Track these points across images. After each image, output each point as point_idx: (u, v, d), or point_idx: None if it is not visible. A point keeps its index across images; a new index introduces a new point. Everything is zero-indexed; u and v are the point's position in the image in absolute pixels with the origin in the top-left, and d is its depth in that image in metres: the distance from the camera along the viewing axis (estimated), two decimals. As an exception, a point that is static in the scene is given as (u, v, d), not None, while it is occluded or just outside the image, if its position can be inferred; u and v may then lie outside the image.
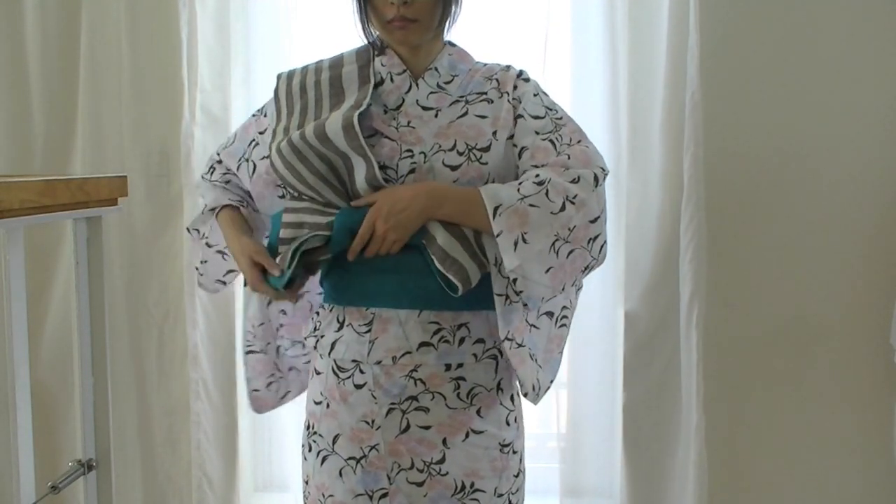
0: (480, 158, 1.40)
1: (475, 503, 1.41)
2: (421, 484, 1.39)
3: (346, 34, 1.57)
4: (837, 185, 2.11)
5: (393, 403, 1.38)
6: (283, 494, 2.37)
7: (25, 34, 2.28)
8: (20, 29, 2.28)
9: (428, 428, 1.39)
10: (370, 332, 1.40)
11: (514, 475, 1.46)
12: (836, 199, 2.12)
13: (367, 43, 1.49)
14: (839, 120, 2.10)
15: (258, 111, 1.57)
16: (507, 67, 1.51)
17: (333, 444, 1.42)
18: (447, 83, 1.46)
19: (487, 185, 1.37)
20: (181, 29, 2.16)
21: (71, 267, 1.66)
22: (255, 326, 1.55)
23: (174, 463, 2.32)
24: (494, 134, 1.42)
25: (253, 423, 2.36)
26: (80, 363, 1.64)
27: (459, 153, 1.40)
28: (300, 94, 1.47)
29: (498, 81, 1.48)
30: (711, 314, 2.08)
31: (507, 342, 1.36)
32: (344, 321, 1.43)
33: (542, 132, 1.42)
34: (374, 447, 1.39)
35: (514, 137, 1.44)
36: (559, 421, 2.26)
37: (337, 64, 1.49)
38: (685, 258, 2.05)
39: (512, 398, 1.47)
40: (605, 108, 2.16)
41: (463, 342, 1.40)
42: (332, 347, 1.44)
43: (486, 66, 1.51)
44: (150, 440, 2.32)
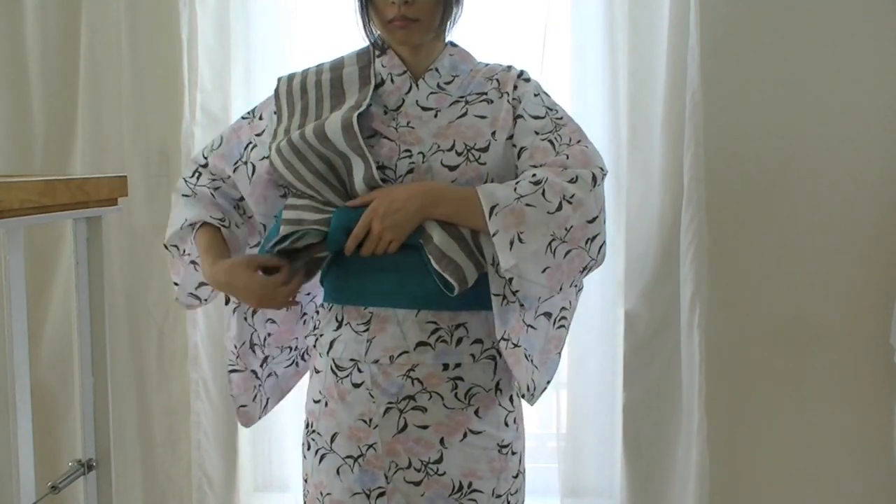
0: (479, 159, 1.40)
1: (473, 503, 1.41)
2: (418, 483, 1.39)
3: (346, 35, 1.57)
4: (837, 185, 2.11)
5: (390, 403, 1.38)
6: (283, 494, 2.37)
7: (25, 34, 2.29)
8: (20, 29, 2.29)
9: (425, 428, 1.39)
10: (368, 331, 1.40)
11: (512, 476, 1.45)
12: (836, 199, 2.11)
13: (368, 44, 1.49)
14: (839, 120, 2.10)
15: (249, 114, 1.55)
16: (507, 68, 1.51)
17: (331, 442, 1.42)
18: (448, 84, 1.46)
19: (484, 184, 1.37)
20: (181, 29, 2.16)
21: (71, 267, 1.66)
22: (236, 346, 1.53)
23: (174, 463, 2.32)
24: (493, 134, 1.42)
25: (253, 422, 2.36)
26: (80, 363, 1.65)
27: (458, 153, 1.40)
28: (300, 94, 1.47)
29: (498, 82, 1.48)
30: (712, 314, 2.08)
31: (503, 342, 1.36)
32: (342, 320, 1.43)
33: (541, 132, 1.42)
34: (371, 446, 1.39)
35: (513, 137, 1.44)
36: (559, 421, 2.26)
37: (338, 66, 1.49)
38: (686, 258, 2.05)
39: (511, 399, 1.46)
40: (605, 108, 2.15)
41: (461, 342, 1.40)
42: (330, 346, 1.44)
43: (487, 66, 1.51)
44: (150, 440, 2.33)
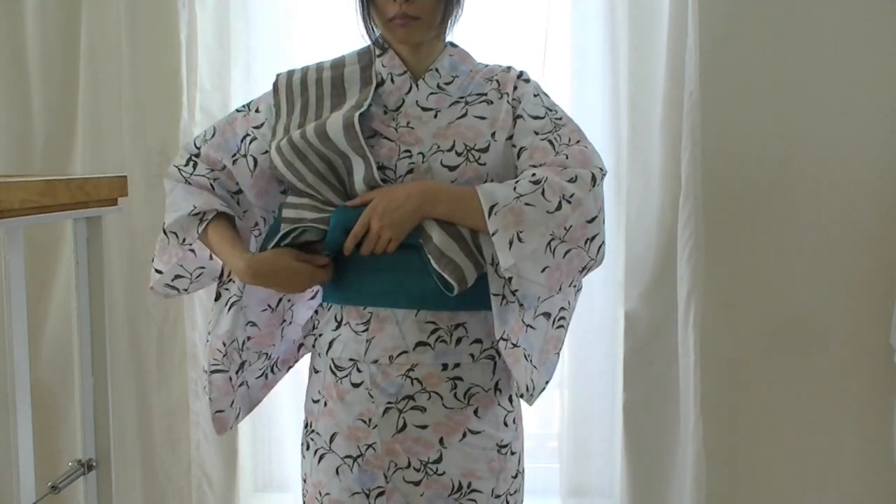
0: (479, 159, 1.40)
1: (472, 503, 1.41)
2: (418, 483, 1.39)
3: (346, 34, 1.57)
4: (836, 184, 2.11)
5: (390, 402, 1.38)
6: (282, 494, 2.37)
7: (25, 34, 2.29)
8: (20, 29, 2.29)
9: (425, 427, 1.39)
10: (367, 331, 1.40)
11: (512, 476, 1.45)
12: (835, 198, 2.12)
13: (368, 43, 1.49)
14: (838, 120, 2.10)
15: (244, 107, 1.52)
16: (507, 69, 1.51)
17: (330, 442, 1.42)
18: (448, 84, 1.46)
19: (484, 183, 1.37)
20: (181, 29, 2.16)
21: (71, 267, 1.66)
22: (225, 345, 1.46)
23: (174, 463, 2.32)
24: (493, 135, 1.42)
25: (253, 423, 2.36)
26: (80, 363, 1.65)
27: (458, 154, 1.40)
28: (301, 91, 1.47)
29: (498, 83, 1.47)
30: (710, 314, 2.08)
31: (502, 342, 1.35)
32: (342, 320, 1.43)
33: (541, 132, 1.42)
34: (370, 446, 1.39)
35: (513, 138, 1.44)
36: (559, 421, 2.26)
37: (338, 64, 1.48)
38: (682, 258, 2.05)
39: (510, 399, 1.46)
40: (605, 108, 2.16)
41: (460, 342, 1.40)
42: (329, 346, 1.44)
43: (486, 67, 1.51)
44: (150, 440, 2.33)
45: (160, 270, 1.53)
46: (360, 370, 1.40)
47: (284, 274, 1.38)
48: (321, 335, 1.46)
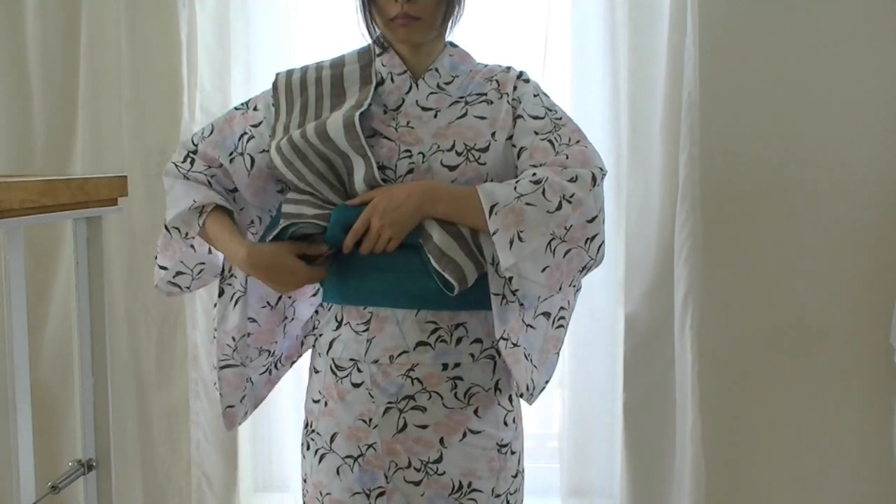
0: (479, 159, 1.40)
1: (473, 503, 1.41)
2: (418, 483, 1.39)
3: (346, 34, 1.57)
4: (836, 184, 2.11)
5: (390, 402, 1.39)
6: (283, 494, 2.37)
7: (25, 34, 2.28)
8: (20, 29, 2.29)
9: (425, 427, 1.39)
10: (368, 330, 1.40)
11: (512, 476, 1.46)
12: (834, 198, 2.12)
13: (368, 43, 1.49)
14: (837, 120, 2.10)
15: (243, 105, 1.53)
16: (507, 69, 1.51)
17: (331, 442, 1.42)
18: (447, 84, 1.46)
19: (484, 183, 1.37)
20: (181, 29, 2.16)
21: (71, 267, 1.66)
22: (235, 339, 1.48)
23: (174, 463, 2.32)
24: (493, 135, 1.42)
25: (253, 423, 2.36)
26: (80, 363, 1.65)
27: (458, 153, 1.40)
28: (300, 90, 1.47)
29: (498, 83, 1.48)
30: (709, 315, 2.08)
31: (502, 342, 1.36)
32: (342, 320, 1.43)
33: (541, 132, 1.43)
34: (371, 446, 1.39)
35: (513, 138, 1.44)
36: (559, 421, 2.26)
37: (338, 64, 1.49)
38: (680, 258, 2.05)
39: (510, 399, 1.46)
40: (605, 108, 2.15)
41: (460, 342, 1.40)
42: (329, 346, 1.44)
43: (486, 67, 1.51)
44: (150, 440, 2.32)
45: (164, 266, 1.53)
46: (360, 370, 1.40)
47: (279, 270, 1.39)
48: (321, 335, 1.46)
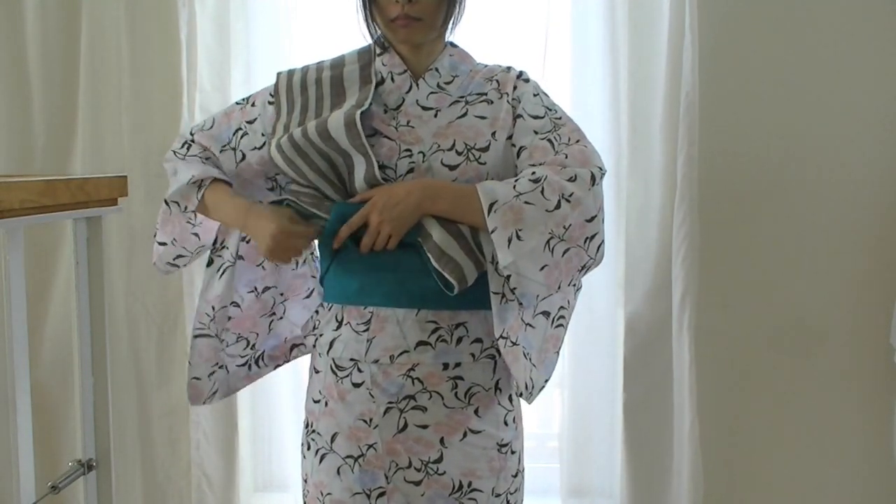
0: (479, 158, 1.40)
1: (473, 503, 1.41)
2: (418, 483, 1.39)
3: (346, 34, 1.57)
4: (836, 184, 2.11)
5: (391, 402, 1.39)
6: (282, 494, 2.37)
7: (25, 34, 2.28)
8: (20, 29, 2.29)
9: (425, 427, 1.39)
10: (368, 330, 1.40)
11: (512, 475, 1.46)
12: (834, 198, 2.12)
13: (368, 43, 1.49)
14: (837, 120, 2.10)
15: (243, 100, 1.54)
16: (507, 69, 1.51)
17: (331, 442, 1.42)
18: (447, 83, 1.47)
19: (484, 181, 1.38)
20: (180, 29, 2.16)
21: (71, 267, 1.66)
22: (214, 308, 1.48)
23: (174, 463, 2.32)
24: (493, 134, 1.42)
25: (253, 423, 2.36)
26: (80, 363, 1.65)
27: (458, 153, 1.40)
28: (301, 91, 1.47)
29: (498, 82, 1.48)
30: (706, 315, 2.08)
31: (501, 340, 1.36)
32: (342, 320, 1.43)
33: (540, 132, 1.43)
34: (371, 446, 1.39)
35: (513, 137, 1.44)
36: (559, 421, 2.26)
37: (338, 64, 1.49)
38: (677, 259, 2.05)
39: (510, 398, 1.46)
40: (605, 108, 2.15)
41: (461, 342, 1.40)
42: (330, 346, 1.44)
43: (486, 67, 1.52)
44: (150, 440, 2.32)
45: (163, 242, 1.55)
46: (360, 370, 1.40)
47: (271, 228, 1.36)
48: (322, 335, 1.46)
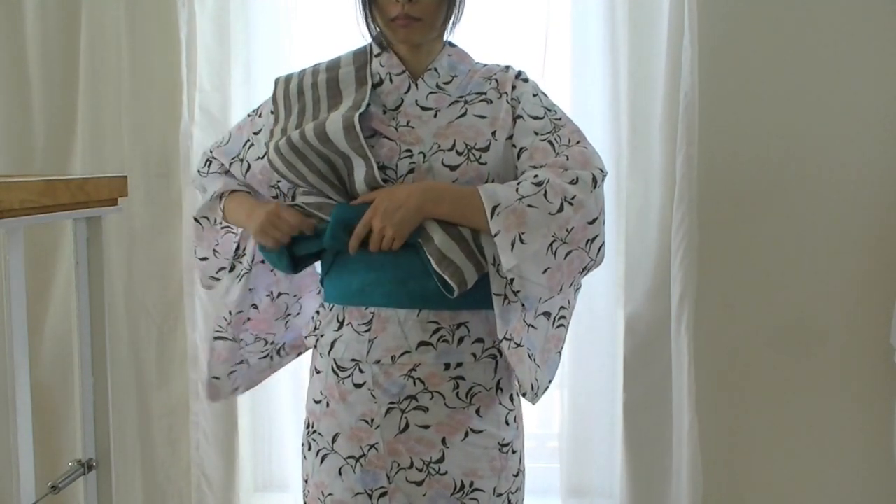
0: (479, 158, 1.40)
1: (474, 502, 1.41)
2: (420, 483, 1.39)
3: (346, 34, 1.57)
4: (835, 184, 2.11)
5: (392, 403, 1.39)
6: (282, 494, 2.37)
7: (25, 34, 2.28)
8: (20, 29, 2.29)
9: (427, 427, 1.39)
10: (369, 331, 1.40)
11: (513, 475, 1.46)
12: (834, 198, 2.12)
13: (365, 44, 1.50)
14: (837, 120, 2.10)
15: (253, 112, 1.58)
16: (506, 68, 1.51)
17: (333, 442, 1.42)
18: (446, 83, 1.47)
19: (486, 184, 1.38)
20: (180, 29, 2.16)
21: (71, 267, 1.66)
22: (231, 313, 1.53)
23: (174, 463, 2.32)
24: (493, 134, 1.42)
25: (253, 423, 2.36)
26: (80, 363, 1.65)
27: (458, 153, 1.40)
28: (297, 96, 1.48)
29: (497, 82, 1.48)
30: (705, 315, 2.08)
31: (505, 342, 1.36)
32: (343, 320, 1.43)
33: (541, 133, 1.43)
34: (373, 446, 1.39)
35: (513, 138, 1.44)
36: (559, 421, 2.26)
37: (334, 66, 1.49)
38: (676, 259, 2.05)
39: (511, 398, 1.47)
40: (605, 108, 2.15)
41: (462, 342, 1.40)
42: (331, 346, 1.44)
43: (485, 66, 1.52)
44: (150, 440, 2.32)
45: (204, 257, 1.61)
46: (362, 370, 1.40)
47: (272, 206, 1.44)
48: (323, 335, 1.46)
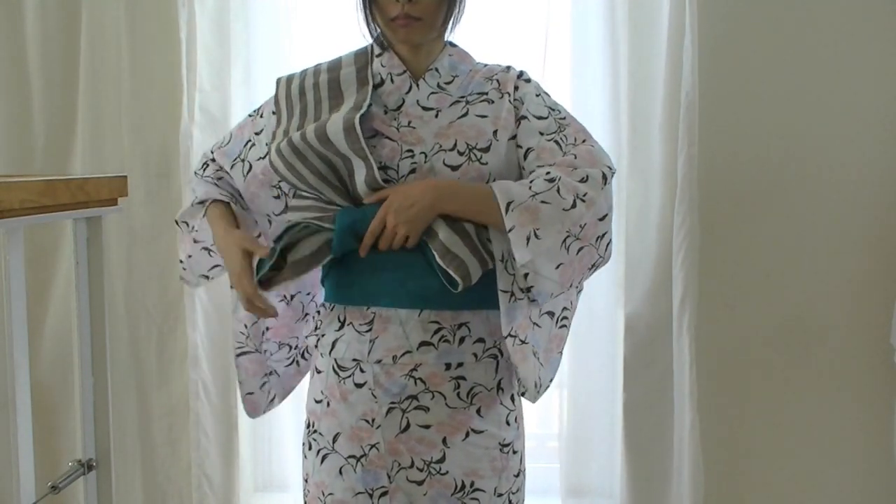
0: (481, 158, 1.40)
1: (475, 502, 1.41)
2: (421, 483, 1.39)
3: (346, 34, 1.57)
4: (836, 184, 2.11)
5: (393, 402, 1.39)
6: (283, 494, 2.37)
7: (25, 34, 2.28)
8: (20, 29, 2.29)
9: (428, 427, 1.39)
10: (371, 331, 1.40)
11: (514, 475, 1.46)
12: (834, 198, 2.12)
13: (366, 44, 1.50)
14: (837, 120, 2.10)
15: (254, 112, 1.57)
16: (507, 68, 1.51)
17: (333, 442, 1.42)
18: (448, 84, 1.47)
19: (499, 181, 1.38)
20: (180, 29, 2.16)
21: (71, 267, 1.66)
22: (247, 326, 1.54)
23: (174, 463, 2.32)
24: (495, 133, 1.42)
25: (253, 422, 2.36)
26: (80, 363, 1.65)
27: (460, 153, 1.40)
28: (299, 97, 1.48)
29: (498, 82, 1.48)
30: (706, 315, 2.08)
31: (509, 339, 1.36)
32: (345, 320, 1.43)
33: (546, 133, 1.43)
34: (374, 446, 1.39)
35: (517, 138, 1.44)
36: (559, 421, 2.26)
37: (335, 66, 1.49)
38: (677, 259, 2.05)
39: (512, 398, 1.47)
40: (605, 108, 2.15)
41: (463, 341, 1.40)
42: (332, 346, 1.44)
43: (486, 66, 1.52)
44: (150, 440, 2.32)
45: (181, 260, 1.61)
46: (363, 370, 1.40)
47: (224, 259, 1.46)
48: (323, 335, 1.46)
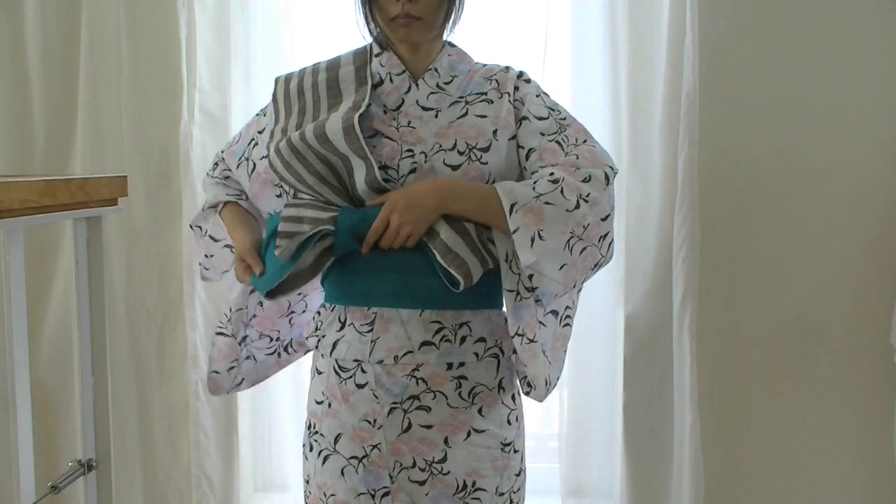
0: (481, 158, 1.40)
1: (477, 502, 1.41)
2: (423, 483, 1.39)
3: (345, 34, 1.57)
4: (836, 184, 2.11)
5: (394, 403, 1.39)
6: (282, 494, 2.37)
7: (25, 34, 2.28)
8: (20, 29, 2.28)
9: (429, 427, 1.39)
10: (372, 331, 1.40)
11: (515, 474, 1.46)
12: (834, 198, 2.12)
13: (365, 44, 1.50)
14: (837, 120, 2.10)
15: (260, 111, 1.58)
16: (506, 68, 1.51)
17: (335, 443, 1.42)
18: (447, 83, 1.47)
19: (503, 181, 1.38)
20: (180, 29, 2.16)
21: (71, 267, 1.66)
22: (231, 311, 1.56)
23: (174, 463, 2.32)
24: (495, 133, 1.42)
25: (253, 423, 2.36)
26: (80, 363, 1.65)
27: (460, 153, 1.40)
28: (298, 96, 1.48)
29: (498, 82, 1.48)
30: (707, 315, 2.08)
31: (517, 338, 1.36)
32: (345, 321, 1.43)
33: (547, 133, 1.43)
34: (375, 446, 1.39)
35: (518, 139, 1.44)
36: (559, 421, 2.26)
37: (334, 66, 1.49)
38: (678, 259, 2.05)
39: (513, 397, 1.47)
40: (605, 108, 2.15)
41: (464, 341, 1.40)
42: (333, 347, 1.44)
43: (485, 66, 1.52)
44: (150, 440, 2.32)
45: (200, 262, 1.64)
46: (364, 371, 1.40)
47: (238, 249, 1.50)
48: (324, 336, 1.46)
